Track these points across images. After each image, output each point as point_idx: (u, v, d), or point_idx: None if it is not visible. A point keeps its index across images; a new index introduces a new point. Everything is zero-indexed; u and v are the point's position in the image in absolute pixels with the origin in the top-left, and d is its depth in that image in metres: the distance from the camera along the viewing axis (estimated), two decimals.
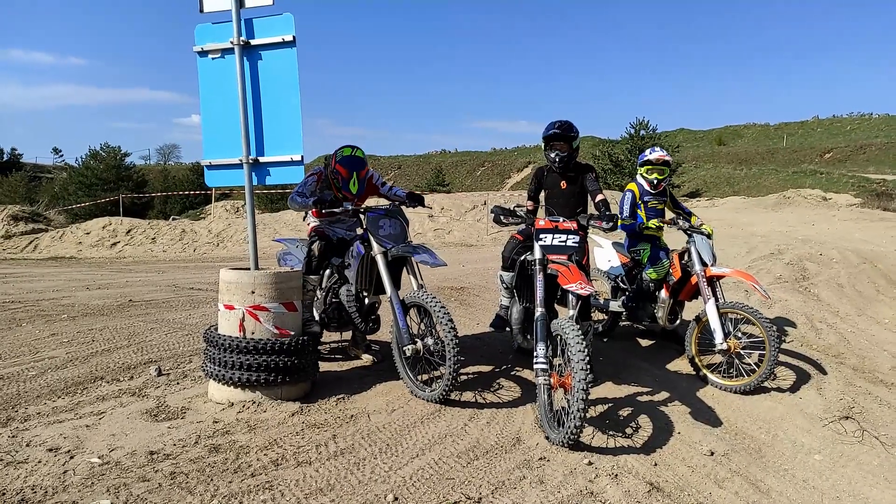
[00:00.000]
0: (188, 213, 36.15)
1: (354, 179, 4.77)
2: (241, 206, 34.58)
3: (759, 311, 4.72)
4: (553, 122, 4.87)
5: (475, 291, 8.01)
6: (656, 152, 5.56)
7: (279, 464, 3.32)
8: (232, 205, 33.66)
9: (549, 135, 4.83)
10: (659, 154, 5.53)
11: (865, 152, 47.66)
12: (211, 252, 16.97)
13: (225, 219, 22.83)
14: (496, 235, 17.34)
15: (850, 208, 22.47)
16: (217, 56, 4.38)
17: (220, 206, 30.06)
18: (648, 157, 5.59)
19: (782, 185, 33.07)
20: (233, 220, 20.49)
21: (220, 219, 22.70)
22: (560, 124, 4.83)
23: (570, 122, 4.85)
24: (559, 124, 4.83)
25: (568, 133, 4.79)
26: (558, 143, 4.85)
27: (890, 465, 3.81)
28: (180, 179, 51.30)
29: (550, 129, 4.83)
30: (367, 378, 4.74)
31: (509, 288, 4.95)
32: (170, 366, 5.00)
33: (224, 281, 4.23)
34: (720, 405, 4.55)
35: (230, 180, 4.47)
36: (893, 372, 5.31)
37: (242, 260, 14.63)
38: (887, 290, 8.22)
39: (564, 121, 4.87)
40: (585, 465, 3.46)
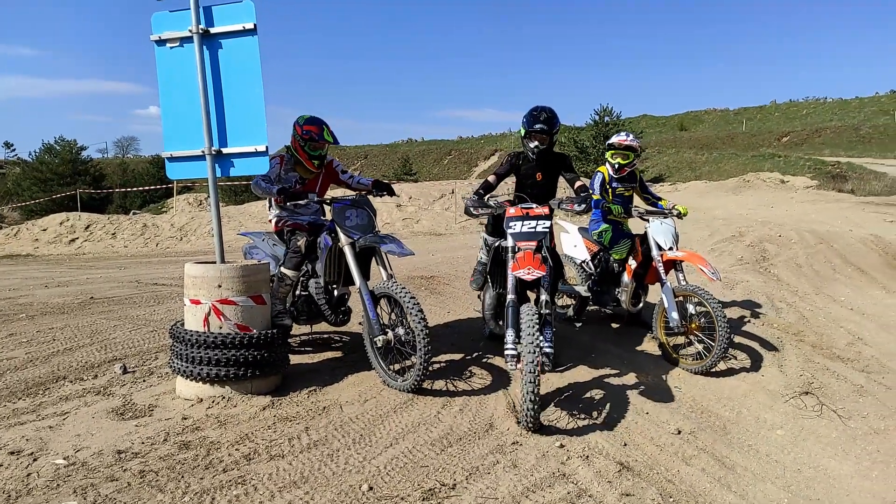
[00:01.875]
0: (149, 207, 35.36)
1: (326, 130, 4.70)
2: (204, 198, 33.92)
3: (711, 293, 4.78)
4: (536, 113, 4.68)
5: (445, 280, 8.02)
6: (619, 136, 5.59)
7: (251, 458, 3.29)
8: (195, 198, 32.99)
9: (533, 128, 4.65)
10: (621, 138, 5.55)
11: (821, 135, 48.86)
12: (174, 246, 16.63)
13: (188, 212, 22.36)
14: (465, 224, 17.37)
15: (807, 190, 23.10)
16: (175, 45, 4.27)
17: (182, 200, 29.42)
18: (612, 141, 5.62)
19: (742, 168, 33.73)
20: (196, 214, 20.09)
21: (183, 212, 22.24)
22: (545, 118, 4.64)
23: (553, 115, 4.68)
24: (544, 118, 4.64)
25: (552, 128, 4.64)
26: (539, 136, 4.69)
27: (847, 437, 3.96)
28: (140, 173, 50.00)
29: (535, 122, 4.64)
30: (338, 369, 4.72)
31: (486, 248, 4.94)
32: (135, 363, 4.90)
33: (189, 275, 4.15)
34: (686, 385, 4.65)
35: (193, 172, 4.37)
36: (850, 348, 5.50)
37: (207, 254, 14.37)
38: (843, 269, 8.49)
39: (548, 114, 4.68)
40: (557, 447, 3.51)
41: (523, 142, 4.83)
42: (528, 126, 4.71)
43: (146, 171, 50.13)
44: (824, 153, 40.15)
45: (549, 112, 4.71)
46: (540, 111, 4.71)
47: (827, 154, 39.32)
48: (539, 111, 4.71)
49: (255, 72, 4.18)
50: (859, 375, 4.87)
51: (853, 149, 42.82)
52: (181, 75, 4.27)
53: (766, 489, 3.35)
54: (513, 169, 4.93)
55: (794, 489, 3.38)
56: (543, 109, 4.72)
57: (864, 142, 45.57)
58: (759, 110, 63.25)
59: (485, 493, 2.99)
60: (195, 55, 4.16)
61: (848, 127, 49.45)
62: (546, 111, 4.71)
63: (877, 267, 8.52)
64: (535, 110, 4.73)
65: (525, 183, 4.89)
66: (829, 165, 31.04)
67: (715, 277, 4.88)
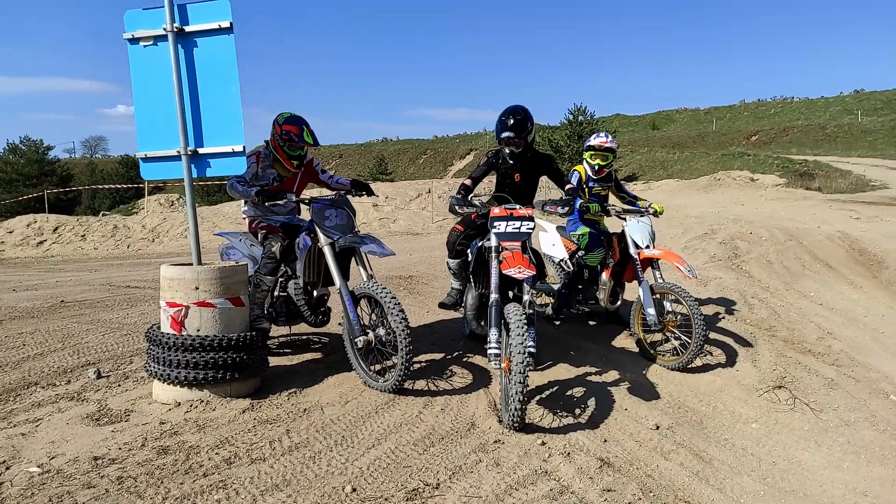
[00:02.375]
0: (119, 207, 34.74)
1: (306, 131, 4.66)
2: (175, 199, 33.42)
3: (687, 291, 4.86)
4: (505, 118, 4.62)
5: (424, 280, 8.01)
6: (599, 138, 5.62)
7: (232, 462, 3.25)
8: (166, 198, 32.50)
9: (501, 137, 4.63)
10: (602, 140, 5.59)
11: (788, 134, 49.96)
12: (146, 248, 16.35)
13: (159, 213, 22.01)
14: (441, 223, 17.38)
15: (776, 188, 23.58)
16: (149, 44, 4.20)
17: (153, 200, 28.94)
18: (592, 143, 5.64)
19: (713, 167, 34.32)
20: (168, 215, 19.78)
21: (155, 213, 21.88)
22: (513, 124, 4.58)
23: (523, 118, 4.59)
24: (512, 123, 4.58)
25: (520, 135, 4.58)
26: (511, 141, 4.64)
27: (819, 429, 4.06)
28: (109, 173, 49.13)
29: (503, 129, 4.60)
30: (318, 371, 4.68)
31: (456, 274, 4.97)
32: (109, 367, 4.80)
33: (166, 277, 4.09)
34: (663, 381, 4.73)
35: (168, 173, 4.31)
36: (820, 342, 5.63)
37: (181, 255, 14.17)
38: (812, 266, 8.68)
39: (517, 117, 4.59)
40: (539, 445, 3.53)
41: (501, 147, 4.81)
42: (497, 135, 4.69)
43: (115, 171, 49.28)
44: (792, 152, 41.05)
45: (519, 115, 4.60)
46: (509, 115, 4.62)
47: (794, 152, 40.21)
48: (508, 115, 4.62)
49: (232, 71, 4.13)
50: (830, 369, 5.00)
51: (819, 147, 43.88)
52: (155, 74, 4.20)
53: (742, 482, 3.42)
54: (491, 168, 4.90)
55: (770, 481, 3.45)
56: (512, 113, 4.62)
57: (829, 140, 46.71)
58: (728, 110, 64.43)
59: (468, 492, 3.00)
60: (170, 54, 4.09)
61: (814, 126, 50.60)
62: (515, 114, 4.61)
63: (844, 263, 8.74)
64: (504, 115, 4.65)
65: (504, 183, 4.91)
66: (797, 164, 31.74)
67: (691, 275, 4.96)
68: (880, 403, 4.46)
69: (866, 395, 4.58)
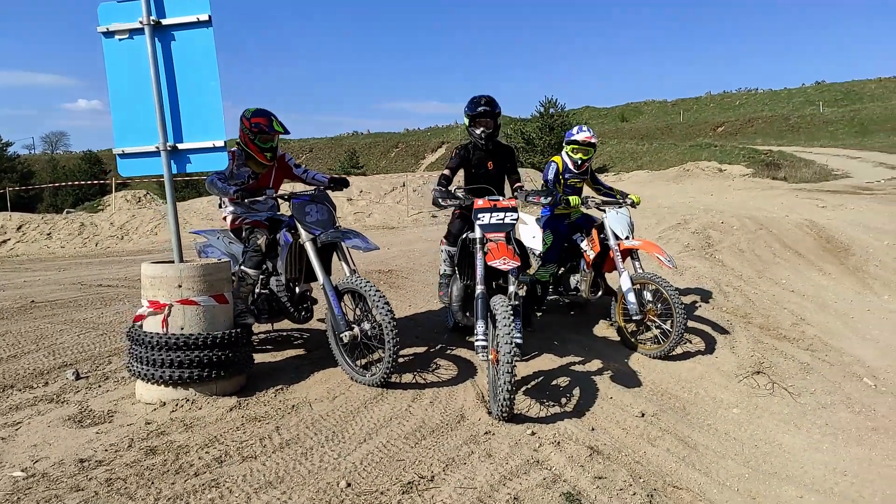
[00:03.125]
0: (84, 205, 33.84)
1: (275, 121, 4.61)
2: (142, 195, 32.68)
3: (667, 280, 4.95)
4: (477, 99, 4.81)
5: (403, 273, 8.00)
6: (583, 133, 5.62)
7: (223, 461, 3.22)
8: (133, 195, 31.68)
9: (476, 112, 4.76)
10: (586, 135, 5.59)
11: (753, 125, 51.05)
12: (115, 246, 15.98)
13: (127, 210, 21.51)
14: (417, 217, 17.35)
15: (744, 178, 24.06)
16: (125, 37, 4.10)
17: (119, 197, 28.23)
18: (575, 138, 5.62)
19: (681, 158, 34.93)
20: (137, 212, 19.34)
21: (123, 210, 21.39)
22: (486, 100, 4.78)
23: (494, 99, 4.82)
24: (485, 100, 4.78)
25: (494, 109, 4.76)
26: (483, 120, 4.80)
27: (798, 412, 4.18)
28: (72, 169, 47.89)
29: (477, 106, 4.77)
30: (303, 367, 4.66)
31: (450, 260, 4.97)
32: (87, 368, 4.71)
33: (147, 275, 4.02)
34: (645, 369, 4.81)
35: (146, 169, 4.23)
36: (794, 328, 5.79)
37: (152, 253, 13.90)
38: (782, 254, 8.89)
39: (488, 96, 4.81)
40: (529, 435, 3.57)
41: (470, 131, 4.89)
42: (472, 110, 4.82)
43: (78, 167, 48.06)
44: (757, 142, 41.96)
45: (489, 97, 4.83)
46: (480, 97, 4.84)
47: (759, 143, 41.11)
48: (479, 97, 4.84)
49: (211, 65, 4.07)
50: (805, 354, 5.14)
51: (783, 137, 44.92)
52: (131, 68, 4.11)
53: (727, 465, 3.51)
54: (463, 162, 4.95)
55: (753, 464, 3.55)
56: (483, 95, 4.85)
57: (793, 131, 47.85)
58: (695, 101, 65.42)
59: (463, 484, 3.02)
60: (147, 47, 4.01)
61: (778, 117, 51.75)
62: (486, 96, 4.83)
63: (813, 250, 8.97)
64: (475, 98, 4.86)
65: (477, 174, 4.93)
66: (763, 154, 32.47)
67: (670, 265, 5.05)
68: (854, 386, 4.61)
69: (840, 378, 4.73)
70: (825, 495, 3.23)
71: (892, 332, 5.92)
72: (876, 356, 5.25)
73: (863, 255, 8.75)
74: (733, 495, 3.21)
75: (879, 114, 45.91)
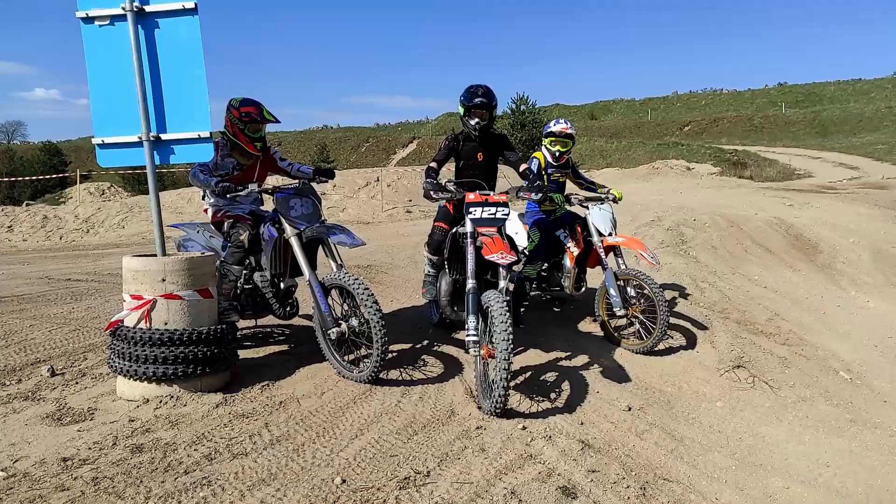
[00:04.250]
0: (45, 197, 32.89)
1: (265, 109, 4.54)
2: (106, 188, 31.92)
3: (650, 277, 5.01)
4: (474, 89, 4.70)
5: (383, 269, 7.95)
6: (560, 124, 5.63)
7: (213, 458, 3.16)
8: (96, 187, 31.00)
9: (473, 103, 4.65)
10: (562, 126, 5.61)
11: (718, 125, 52.01)
12: (80, 239, 15.55)
13: (91, 202, 20.97)
14: (391, 212, 17.27)
15: (711, 177, 24.56)
16: (105, 23, 3.98)
17: (83, 189, 27.52)
18: (552, 129, 5.64)
19: (649, 156, 35.42)
20: (102, 204, 18.86)
21: (87, 203, 20.83)
22: (484, 91, 4.66)
23: (491, 90, 4.71)
24: (483, 91, 4.67)
25: (491, 102, 4.66)
26: (479, 111, 4.69)
27: (779, 405, 4.28)
28: (30, 160, 46.42)
29: (474, 96, 4.65)
30: (288, 363, 4.59)
31: (434, 265, 4.94)
32: (63, 365, 4.57)
33: (129, 269, 3.91)
34: (629, 363, 4.86)
35: (127, 160, 4.12)
36: (770, 323, 5.92)
37: (120, 247, 13.56)
38: (753, 250, 9.09)
39: (485, 87, 4.70)
40: (520, 430, 3.58)
41: (464, 121, 4.80)
42: (468, 101, 4.70)
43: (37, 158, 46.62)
44: (722, 141, 42.81)
45: (487, 87, 4.73)
46: (477, 87, 4.73)
47: (725, 142, 41.95)
48: (476, 87, 4.73)
49: (196, 54, 3.98)
50: (782, 348, 5.26)
51: (747, 137, 45.93)
52: (112, 56, 4.00)
53: (714, 458, 3.58)
54: (452, 153, 4.87)
55: (739, 456, 3.62)
56: (480, 86, 4.74)
57: (756, 131, 48.93)
58: (662, 100, 66.41)
59: (459, 479, 3.02)
60: (129, 35, 3.90)
61: (742, 117, 52.85)
62: (483, 87, 4.73)
63: (782, 248, 9.19)
64: (472, 87, 4.74)
65: (467, 164, 4.85)
66: (728, 153, 33.15)
67: (654, 261, 5.11)
68: (831, 380, 4.74)
69: (818, 372, 4.86)
70: (810, 486, 3.32)
71: (862, 327, 6.11)
72: (849, 350, 5.41)
73: (830, 252, 9.00)
74: (722, 487, 3.27)
75: (838, 115, 47.26)
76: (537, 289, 5.89)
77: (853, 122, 44.88)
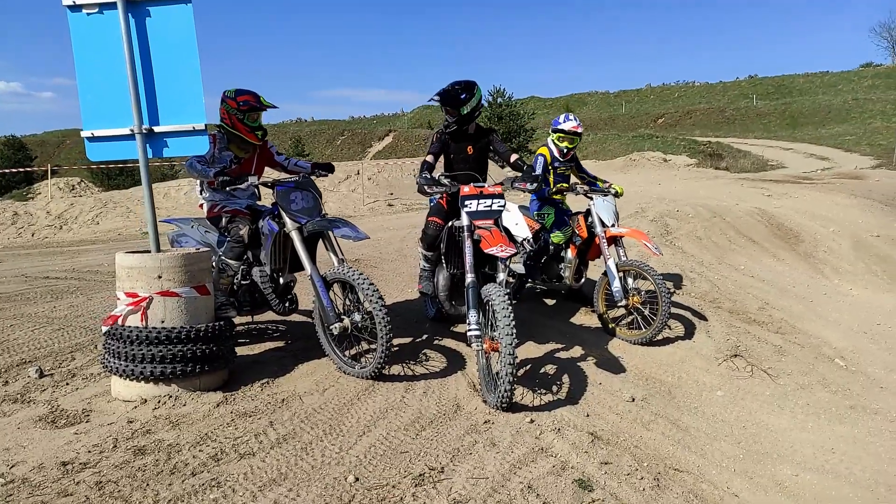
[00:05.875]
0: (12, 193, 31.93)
1: (262, 97, 4.47)
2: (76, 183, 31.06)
3: (653, 268, 5.04)
4: (448, 88, 4.60)
5: (372, 263, 7.87)
6: (570, 122, 5.67)
7: (219, 458, 3.08)
8: (66, 182, 30.09)
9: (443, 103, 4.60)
10: (573, 125, 5.64)
11: (691, 117, 52.65)
12: (54, 236, 15.13)
13: (63, 198, 20.43)
14: (373, 205, 17.14)
15: (689, 168, 24.85)
16: (94, 11, 3.83)
17: (52, 185, 26.76)
18: (562, 127, 5.67)
19: (625, 148, 35.73)
20: (75, 200, 18.39)
21: (59, 199, 20.29)
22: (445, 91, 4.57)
23: (458, 89, 4.57)
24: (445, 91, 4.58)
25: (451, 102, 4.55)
26: (448, 110, 4.62)
27: (779, 393, 4.32)
28: None
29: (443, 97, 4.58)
30: (285, 360, 4.51)
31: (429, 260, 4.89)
32: (50, 365, 4.43)
33: (124, 266, 3.79)
34: (627, 354, 4.88)
35: (119, 153, 3.98)
36: (761, 312, 5.98)
37: (96, 243, 13.24)
38: (737, 240, 9.19)
39: (451, 86, 4.58)
40: (528, 423, 3.56)
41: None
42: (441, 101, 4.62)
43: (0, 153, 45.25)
44: (695, 133, 43.37)
45: (453, 86, 4.59)
46: (450, 85, 4.61)
47: (698, 134, 42.50)
48: (449, 85, 4.62)
49: (190, 43, 3.85)
50: (776, 337, 5.32)
51: (720, 129, 46.58)
52: (101, 45, 3.85)
53: (721, 447, 3.60)
54: (444, 147, 4.80)
55: (745, 445, 3.65)
56: (453, 84, 4.62)
57: (728, 122, 49.65)
58: (636, 93, 66.96)
59: (474, 474, 2.98)
60: (119, 24, 3.76)
61: (715, 109, 53.55)
62: (451, 85, 4.60)
63: (765, 237, 9.31)
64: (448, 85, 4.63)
65: (457, 158, 4.79)
66: (702, 145, 33.58)
67: (657, 252, 5.14)
68: (827, 367, 4.80)
69: (813, 359, 4.92)
70: (819, 473, 3.35)
71: (850, 314, 6.22)
72: (840, 338, 5.49)
73: (812, 241, 9.15)
74: (732, 476, 3.29)
75: (808, 107, 48.15)
76: (538, 281, 5.88)
77: (822, 114, 45.77)
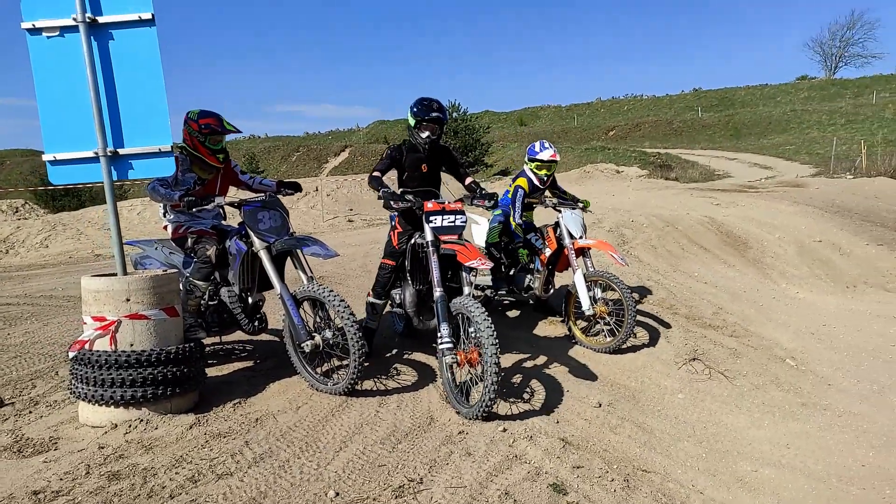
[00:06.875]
0: None
1: (224, 120, 4.45)
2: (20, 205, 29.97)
3: (619, 278, 5.21)
4: (429, 103, 4.65)
5: (336, 279, 7.86)
6: (547, 150, 5.76)
7: (197, 480, 3.07)
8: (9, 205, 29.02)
9: (429, 117, 4.60)
10: (550, 153, 5.75)
11: (640, 129, 54.15)
12: (0, 261, 14.60)
13: (7, 221, 19.70)
14: (332, 222, 17.07)
15: (640, 179, 25.52)
16: (55, 34, 3.80)
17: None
18: (540, 157, 5.76)
19: (578, 160, 36.49)
20: (21, 223, 17.76)
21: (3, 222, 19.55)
22: (438, 106, 4.65)
23: (443, 105, 4.73)
24: (437, 105, 4.65)
25: (444, 116, 4.66)
26: (432, 126, 4.65)
27: (737, 394, 4.53)
28: None
29: (429, 111, 4.61)
30: (254, 379, 4.50)
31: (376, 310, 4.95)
32: (10, 394, 4.31)
33: (90, 290, 3.74)
34: (592, 361, 5.03)
35: (83, 176, 3.93)
36: (716, 317, 6.24)
37: (45, 267, 12.79)
38: (690, 248, 9.55)
39: (438, 102, 4.69)
40: (501, 432, 3.65)
41: (412, 132, 4.73)
42: (424, 114, 4.61)
43: None
44: (645, 145, 44.61)
45: (440, 102, 4.72)
46: (431, 101, 4.67)
47: (647, 146, 43.72)
48: (430, 101, 4.67)
49: (155, 66, 3.85)
50: (730, 340, 5.57)
51: (668, 141, 48.03)
52: (63, 68, 3.82)
53: (685, 447, 3.76)
54: (394, 163, 4.77)
55: (707, 444, 3.82)
56: (434, 100, 4.70)
57: (676, 134, 51.25)
58: (587, 106, 68.56)
59: (453, 483, 3.05)
60: (81, 46, 3.74)
61: (662, 121, 55.22)
62: (437, 101, 4.70)
63: (716, 245, 9.70)
64: (425, 100, 4.68)
65: (411, 175, 4.77)
66: (652, 156, 34.55)
67: (623, 262, 5.32)
68: (779, 367, 5.06)
69: (766, 361, 5.17)
70: (776, 467, 3.54)
71: (798, 316, 6.54)
72: (790, 339, 5.78)
73: (759, 248, 9.57)
74: (696, 475, 3.45)
75: (750, 118, 50.12)
76: (507, 293, 6.00)
77: (763, 125, 47.69)
